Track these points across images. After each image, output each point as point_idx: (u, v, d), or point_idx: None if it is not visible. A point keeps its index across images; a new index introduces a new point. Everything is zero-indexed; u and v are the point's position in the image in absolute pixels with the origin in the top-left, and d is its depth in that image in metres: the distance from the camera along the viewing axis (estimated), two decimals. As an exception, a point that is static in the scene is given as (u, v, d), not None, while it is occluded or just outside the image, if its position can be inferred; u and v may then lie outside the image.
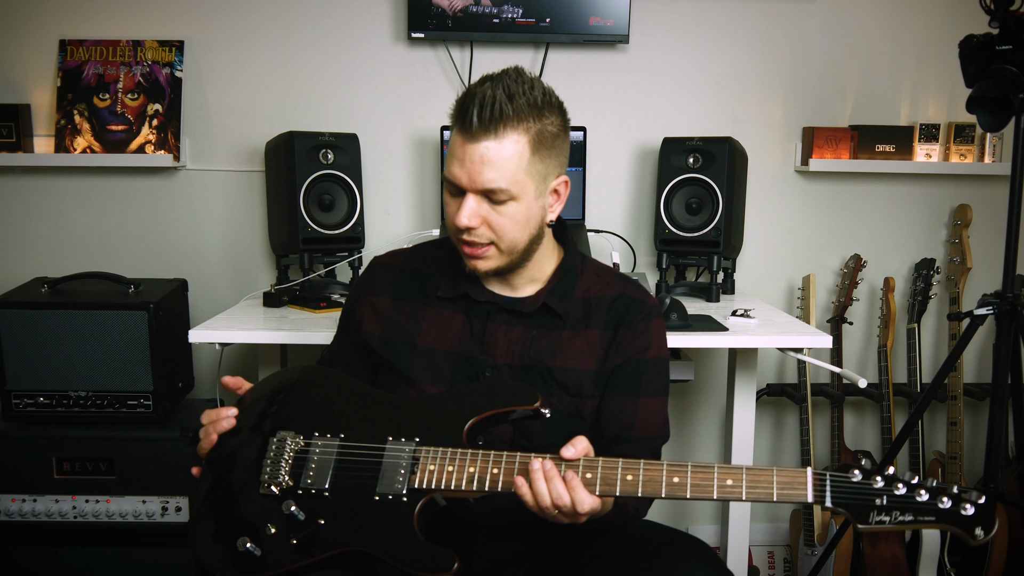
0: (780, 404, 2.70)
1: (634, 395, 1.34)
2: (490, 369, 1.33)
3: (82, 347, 2.02)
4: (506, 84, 1.23)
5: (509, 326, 1.34)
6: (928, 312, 2.56)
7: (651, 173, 2.52)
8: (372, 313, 1.40)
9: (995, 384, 2.01)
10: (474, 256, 1.30)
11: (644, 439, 1.34)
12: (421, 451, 1.18)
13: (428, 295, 1.39)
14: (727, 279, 2.41)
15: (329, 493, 1.18)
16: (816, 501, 1.04)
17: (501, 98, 1.21)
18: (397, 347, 1.37)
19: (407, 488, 1.16)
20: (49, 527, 2.05)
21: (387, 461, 1.19)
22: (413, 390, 1.35)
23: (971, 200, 2.56)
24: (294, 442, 1.24)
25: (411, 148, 2.52)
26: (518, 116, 1.22)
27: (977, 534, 0.99)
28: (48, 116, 2.45)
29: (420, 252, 1.46)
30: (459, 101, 1.25)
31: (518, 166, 1.24)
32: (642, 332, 1.35)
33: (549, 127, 1.26)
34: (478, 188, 1.24)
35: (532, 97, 1.24)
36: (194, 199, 2.51)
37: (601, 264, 1.46)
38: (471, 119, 1.21)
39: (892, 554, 2.40)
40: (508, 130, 1.22)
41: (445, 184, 1.29)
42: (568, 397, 1.33)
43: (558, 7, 2.38)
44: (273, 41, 2.46)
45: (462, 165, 1.24)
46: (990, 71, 1.88)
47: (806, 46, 2.53)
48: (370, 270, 1.46)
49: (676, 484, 1.09)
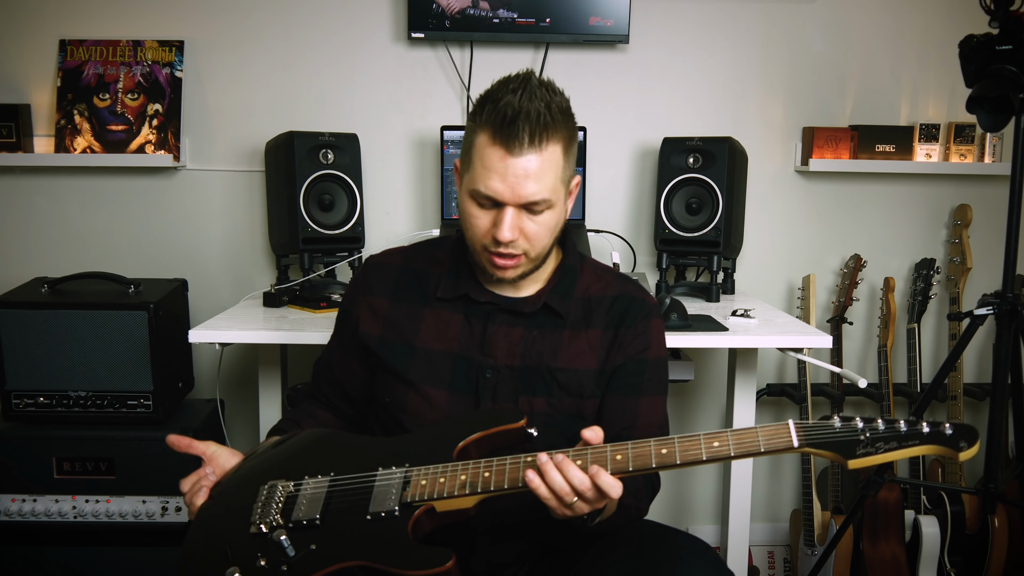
0: (780, 404, 2.70)
1: (635, 395, 1.34)
2: (490, 370, 1.32)
3: (82, 347, 2.02)
4: (538, 94, 1.22)
5: (510, 327, 1.34)
6: (928, 312, 2.56)
7: (651, 173, 2.52)
8: (370, 314, 1.39)
9: (995, 384, 2.01)
10: (505, 267, 1.28)
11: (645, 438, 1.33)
12: (412, 471, 1.17)
13: (427, 296, 1.38)
14: (727, 279, 2.41)
15: (320, 521, 1.16)
16: (801, 444, 1.05)
17: (543, 111, 1.20)
18: (395, 348, 1.36)
19: (399, 503, 1.14)
20: (49, 527, 2.05)
21: (379, 485, 1.17)
22: (412, 391, 1.34)
23: (971, 200, 2.56)
24: (284, 487, 1.22)
25: (411, 148, 2.52)
26: (555, 125, 1.22)
27: (962, 446, 1.01)
28: (48, 116, 2.45)
29: (418, 252, 1.45)
30: (495, 114, 1.21)
31: (556, 174, 1.24)
32: (643, 332, 1.35)
33: (573, 128, 1.27)
34: (521, 202, 1.23)
35: (559, 101, 1.24)
36: (194, 199, 2.51)
37: (600, 264, 1.45)
38: (519, 137, 1.19)
39: (892, 554, 2.40)
40: (550, 141, 1.22)
41: (471, 196, 1.25)
42: (569, 398, 1.33)
43: (558, 7, 2.38)
44: (273, 41, 2.46)
45: (504, 180, 1.21)
46: (990, 71, 1.88)
47: (806, 46, 2.53)
48: (366, 270, 1.44)
49: (665, 455, 1.09)
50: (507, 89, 1.23)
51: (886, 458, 1.03)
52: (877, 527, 2.40)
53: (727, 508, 2.20)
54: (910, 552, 2.44)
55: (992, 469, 1.99)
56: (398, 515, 1.13)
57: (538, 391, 1.32)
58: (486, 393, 1.32)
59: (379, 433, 1.43)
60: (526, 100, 1.20)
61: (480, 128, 1.23)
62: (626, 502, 1.20)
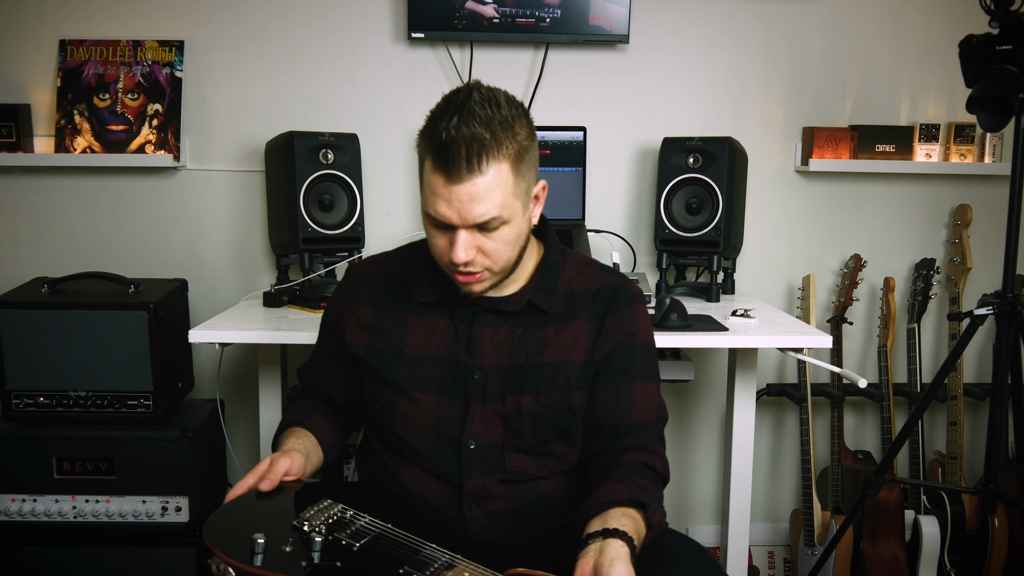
0: (780, 404, 2.70)
1: (627, 380, 1.34)
2: (478, 371, 1.32)
3: (82, 347, 2.02)
4: (477, 114, 1.18)
5: (495, 327, 1.34)
6: (928, 312, 2.56)
7: (651, 173, 2.52)
8: (355, 324, 1.39)
9: (995, 384, 2.01)
10: (469, 283, 1.28)
11: (644, 425, 1.33)
12: (461, 560, 1.13)
13: (411, 301, 1.38)
14: (727, 279, 2.41)
15: (357, 550, 1.13)
16: None
17: (479, 134, 1.17)
18: (383, 356, 1.36)
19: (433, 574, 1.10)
20: (49, 527, 2.05)
21: (424, 553, 1.15)
22: (402, 397, 1.34)
23: (971, 200, 2.56)
24: (343, 509, 1.21)
25: (411, 148, 2.50)
26: (497, 144, 1.18)
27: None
28: (48, 116, 2.45)
29: (400, 257, 1.44)
30: (432, 141, 1.19)
31: (505, 191, 1.21)
32: (628, 318, 1.35)
33: (523, 141, 1.22)
34: (470, 224, 1.21)
35: (502, 116, 1.20)
36: (194, 199, 2.51)
37: (581, 255, 1.45)
38: (456, 165, 1.17)
39: (892, 554, 2.40)
40: (491, 162, 1.18)
41: (426, 216, 1.25)
42: (556, 391, 1.32)
43: (558, 7, 2.38)
44: (273, 41, 2.46)
45: (449, 205, 1.20)
46: (990, 71, 1.88)
47: (806, 46, 2.53)
48: (349, 279, 1.44)
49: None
50: (446, 111, 1.20)
51: None
52: (877, 527, 2.41)
53: (727, 508, 2.20)
54: (910, 552, 2.44)
55: (992, 469, 1.99)
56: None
57: (525, 388, 1.32)
58: (475, 395, 1.32)
59: (372, 439, 1.44)
60: (463, 125, 1.17)
61: (424, 152, 1.23)
62: (654, 520, 1.19)
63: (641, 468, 1.28)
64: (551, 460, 1.35)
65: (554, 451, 1.35)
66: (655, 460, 1.31)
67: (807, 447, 2.48)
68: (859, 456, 2.57)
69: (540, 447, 1.34)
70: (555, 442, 1.34)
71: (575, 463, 1.37)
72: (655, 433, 1.35)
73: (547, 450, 1.34)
